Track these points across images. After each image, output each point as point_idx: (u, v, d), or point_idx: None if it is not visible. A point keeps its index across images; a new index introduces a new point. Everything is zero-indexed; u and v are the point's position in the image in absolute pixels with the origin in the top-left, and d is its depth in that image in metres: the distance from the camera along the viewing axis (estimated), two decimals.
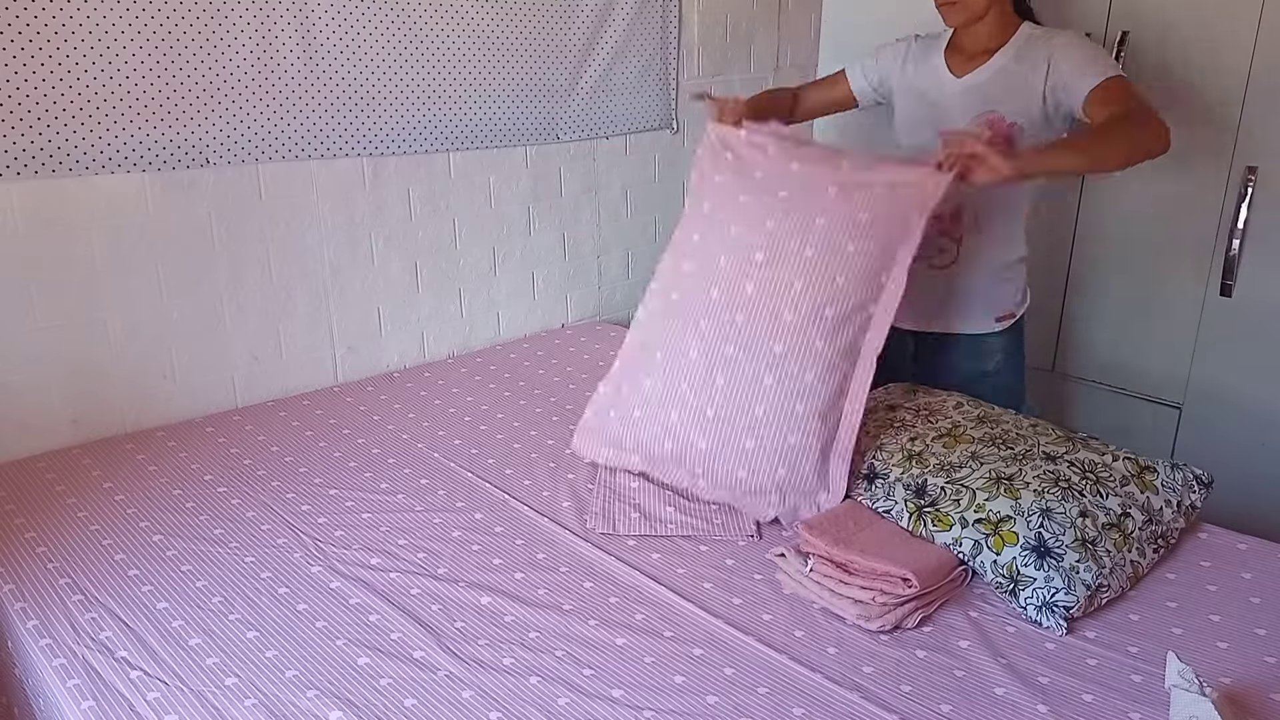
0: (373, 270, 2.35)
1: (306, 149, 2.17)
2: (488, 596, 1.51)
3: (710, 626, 1.44)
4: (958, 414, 1.86)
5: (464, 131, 2.41)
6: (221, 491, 1.81)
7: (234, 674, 1.32)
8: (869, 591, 1.45)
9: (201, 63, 1.98)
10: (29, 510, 1.73)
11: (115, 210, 1.96)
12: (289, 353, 2.27)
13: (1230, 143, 2.28)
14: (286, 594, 1.50)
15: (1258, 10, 2.19)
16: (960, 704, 1.29)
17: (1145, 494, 1.63)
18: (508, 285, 2.62)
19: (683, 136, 2.89)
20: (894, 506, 1.63)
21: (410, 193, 2.37)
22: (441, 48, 2.31)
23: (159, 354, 2.08)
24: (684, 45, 2.79)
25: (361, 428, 2.09)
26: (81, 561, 1.57)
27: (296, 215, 2.20)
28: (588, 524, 1.71)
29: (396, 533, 1.68)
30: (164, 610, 1.45)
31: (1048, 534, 1.49)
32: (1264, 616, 1.46)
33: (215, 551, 1.61)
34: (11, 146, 1.81)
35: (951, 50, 2.05)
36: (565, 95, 2.57)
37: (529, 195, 2.60)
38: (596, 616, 1.46)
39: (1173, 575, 1.57)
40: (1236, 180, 2.28)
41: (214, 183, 2.07)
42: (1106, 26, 2.42)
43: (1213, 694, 1.17)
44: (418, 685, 1.31)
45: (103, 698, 1.28)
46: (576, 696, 1.29)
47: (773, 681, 1.33)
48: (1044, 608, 1.44)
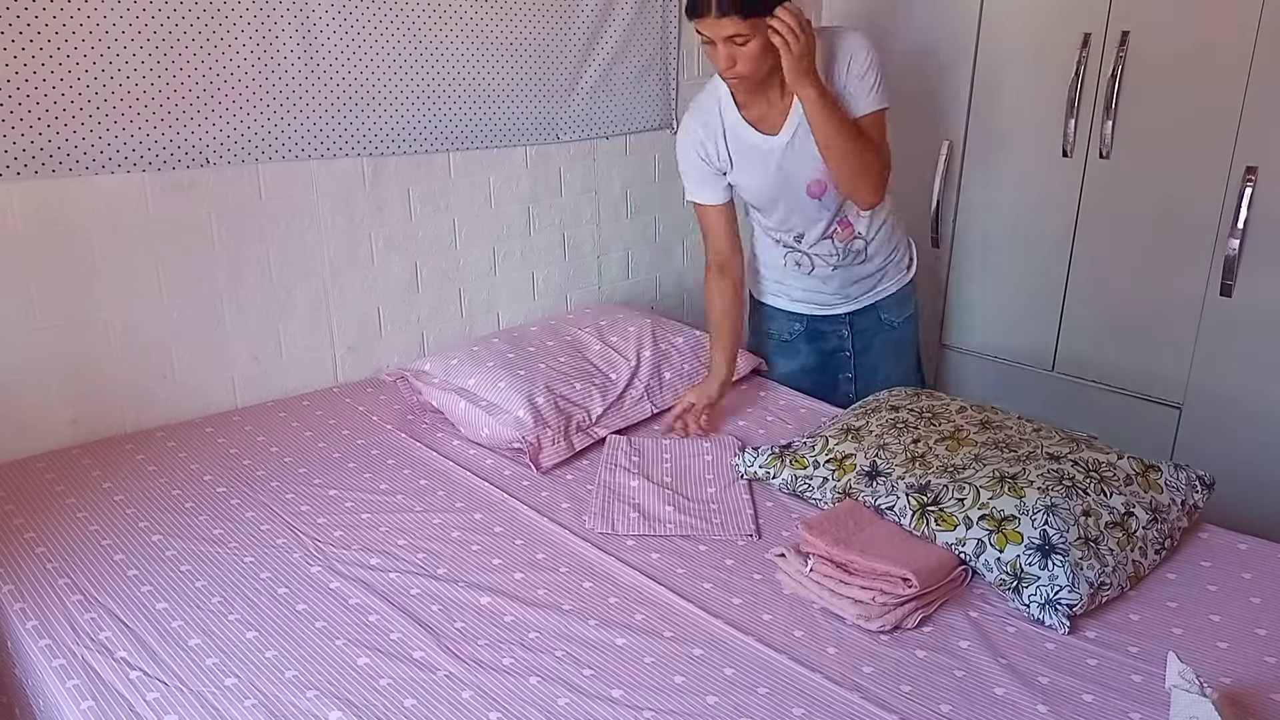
0: (373, 270, 2.35)
1: (306, 149, 2.17)
2: (487, 597, 1.51)
3: (710, 626, 1.44)
4: (960, 418, 1.86)
5: (464, 131, 2.41)
6: (221, 492, 1.81)
7: (233, 674, 1.32)
8: (869, 591, 1.45)
9: (201, 63, 1.98)
10: (28, 510, 1.73)
11: (115, 210, 1.96)
12: (289, 353, 2.26)
13: (1230, 143, 2.28)
14: (286, 594, 1.50)
15: (1258, 10, 2.19)
16: (960, 704, 1.29)
17: (1150, 493, 1.63)
18: (508, 285, 2.62)
19: None
20: (896, 502, 1.63)
21: (410, 193, 2.37)
22: (441, 48, 2.31)
23: (159, 354, 2.08)
24: (684, 45, 2.79)
25: (361, 428, 2.09)
26: (81, 562, 1.57)
27: (296, 215, 2.20)
28: (586, 524, 1.72)
29: (396, 533, 1.68)
30: (163, 610, 1.45)
31: (1052, 531, 1.49)
32: (1264, 616, 1.46)
33: (215, 552, 1.61)
34: (11, 146, 1.81)
35: (746, 110, 2.04)
36: (565, 95, 2.57)
37: (529, 195, 2.60)
38: (596, 616, 1.46)
39: (1173, 575, 1.57)
40: (1236, 180, 2.28)
41: (214, 183, 2.07)
42: (1106, 26, 2.42)
43: (1213, 694, 1.17)
44: (417, 685, 1.31)
45: (102, 698, 1.27)
46: (576, 696, 1.29)
47: (773, 681, 1.32)
48: (1047, 605, 1.44)
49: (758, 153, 2.06)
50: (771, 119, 2.03)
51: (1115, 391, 2.62)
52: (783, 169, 2.06)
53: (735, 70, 1.90)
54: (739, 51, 1.87)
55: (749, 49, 1.86)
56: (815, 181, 2.06)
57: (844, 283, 2.24)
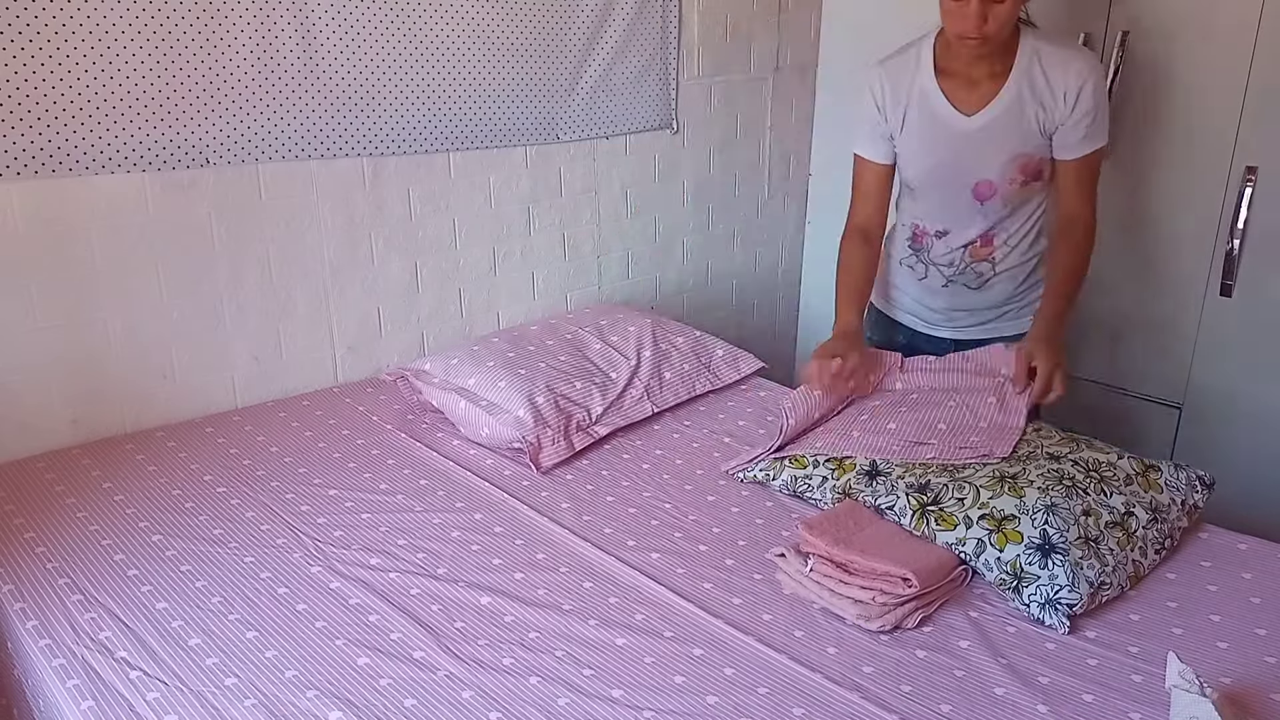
0: (373, 270, 2.35)
1: (306, 149, 2.17)
2: (487, 596, 1.51)
3: (710, 626, 1.44)
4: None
5: (464, 131, 2.41)
6: (221, 492, 1.81)
7: (233, 674, 1.32)
8: (869, 591, 1.45)
9: (201, 63, 1.98)
10: (28, 510, 1.73)
11: (115, 210, 1.96)
12: (289, 353, 2.26)
13: (1230, 143, 2.28)
14: (286, 594, 1.50)
15: (1258, 10, 2.19)
16: (960, 704, 1.29)
17: (1150, 493, 1.63)
18: (508, 285, 2.62)
19: (683, 136, 2.89)
20: (896, 502, 1.63)
21: (410, 193, 2.37)
22: (441, 48, 2.31)
23: (159, 354, 2.08)
24: (684, 45, 2.79)
25: (361, 428, 2.09)
26: (81, 562, 1.57)
27: (296, 215, 2.20)
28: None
29: (396, 533, 1.68)
30: (163, 610, 1.45)
31: (1052, 530, 1.49)
32: (1264, 616, 1.46)
33: (215, 552, 1.61)
34: (11, 146, 1.81)
35: (947, 79, 1.92)
36: (565, 95, 2.57)
37: (529, 195, 2.60)
38: (596, 616, 1.46)
39: (1173, 575, 1.57)
40: (1236, 180, 2.28)
41: (214, 183, 2.07)
42: (1106, 26, 2.42)
43: (1213, 694, 1.17)
44: (417, 685, 1.31)
45: (102, 698, 1.27)
46: (576, 696, 1.29)
47: (773, 681, 1.32)
48: (1047, 605, 1.44)
49: (941, 128, 1.93)
50: (970, 98, 1.91)
51: (1115, 391, 2.62)
52: (960, 156, 1.94)
53: (984, 29, 1.76)
54: (993, 9, 1.75)
55: (1005, 7, 1.75)
56: (987, 183, 1.94)
57: (952, 304, 2.11)
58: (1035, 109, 1.90)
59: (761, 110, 3.09)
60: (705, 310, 3.08)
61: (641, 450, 2.03)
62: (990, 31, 1.78)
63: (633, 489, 1.86)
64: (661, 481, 1.89)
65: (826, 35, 3.14)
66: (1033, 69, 1.88)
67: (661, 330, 2.36)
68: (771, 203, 3.21)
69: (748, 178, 3.12)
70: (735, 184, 3.09)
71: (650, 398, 2.17)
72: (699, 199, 3.00)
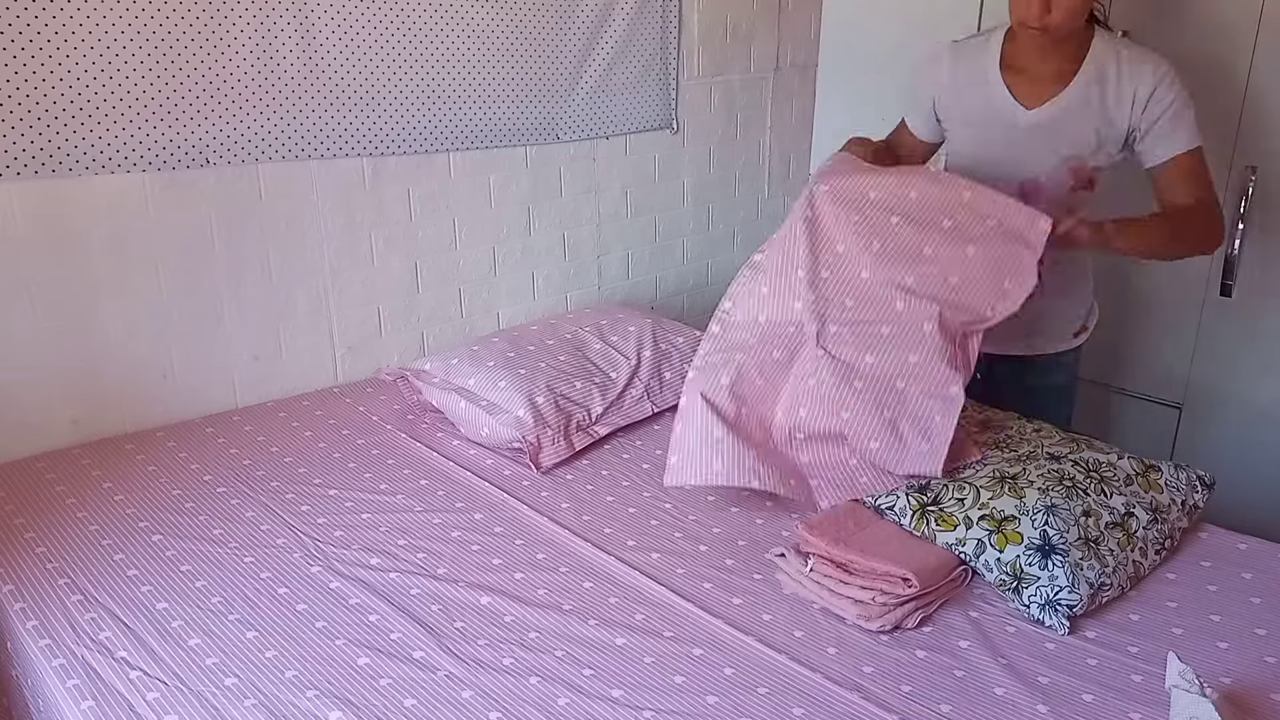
0: (373, 270, 2.35)
1: (306, 149, 2.17)
2: (487, 597, 1.51)
3: (710, 626, 1.44)
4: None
5: (464, 131, 2.41)
6: (221, 492, 1.81)
7: (233, 674, 1.32)
8: (869, 591, 1.45)
9: (201, 63, 1.98)
10: (28, 510, 1.73)
11: (115, 210, 1.96)
12: (289, 353, 2.26)
13: (1230, 143, 2.28)
14: (286, 594, 1.50)
15: (1258, 10, 2.19)
16: (960, 704, 1.29)
17: (1150, 493, 1.63)
18: (508, 285, 2.62)
19: (683, 136, 2.89)
20: (896, 502, 1.63)
21: (410, 193, 2.37)
22: (441, 48, 2.31)
23: (159, 354, 2.08)
24: (684, 45, 2.79)
25: (361, 428, 2.09)
26: (81, 561, 1.57)
27: (296, 215, 2.20)
28: None
29: (396, 533, 1.68)
30: (163, 610, 1.45)
31: (1052, 531, 1.49)
32: (1264, 616, 1.46)
33: (214, 552, 1.61)
34: (11, 146, 1.81)
35: (1012, 72, 1.87)
36: (565, 95, 2.57)
37: (529, 195, 2.60)
38: (596, 616, 1.46)
39: (1173, 575, 1.57)
40: (1236, 180, 2.28)
41: (214, 183, 2.07)
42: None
43: (1213, 694, 1.17)
44: (417, 685, 1.31)
45: (102, 698, 1.27)
46: (576, 696, 1.29)
47: (773, 681, 1.32)
48: (1047, 606, 1.44)
49: (998, 119, 1.88)
50: (1032, 92, 1.85)
51: (1115, 391, 2.62)
52: (1010, 150, 1.88)
53: (1048, 19, 1.71)
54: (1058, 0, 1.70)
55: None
56: (1033, 182, 1.89)
57: None
58: (1099, 114, 1.83)
59: (761, 110, 3.09)
60: (705, 310, 3.07)
61: (641, 450, 2.03)
62: (1053, 22, 1.72)
63: (633, 489, 1.86)
64: (661, 481, 1.89)
65: (826, 35, 3.14)
66: (1105, 72, 1.82)
67: (661, 330, 2.36)
68: (771, 203, 3.21)
69: (747, 177, 3.12)
70: (735, 184, 3.09)
71: (650, 398, 2.17)
72: (699, 199, 3.00)
